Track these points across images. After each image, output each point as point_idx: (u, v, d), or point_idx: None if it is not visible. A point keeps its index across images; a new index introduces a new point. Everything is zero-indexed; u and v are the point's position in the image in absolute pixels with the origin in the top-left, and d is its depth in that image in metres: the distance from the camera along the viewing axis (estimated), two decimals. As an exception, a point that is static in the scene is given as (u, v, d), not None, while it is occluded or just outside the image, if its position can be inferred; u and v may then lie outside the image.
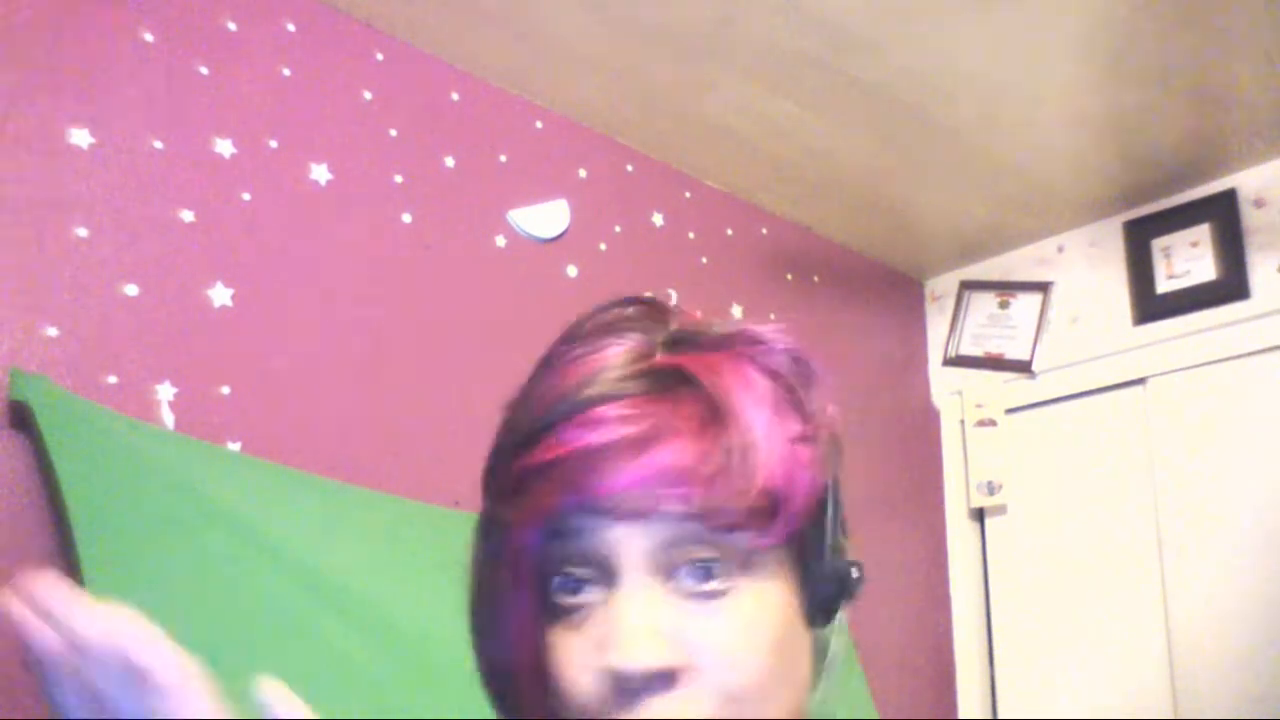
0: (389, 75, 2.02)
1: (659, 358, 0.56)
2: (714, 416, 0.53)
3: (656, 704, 0.51)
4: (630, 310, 0.60)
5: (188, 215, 1.71)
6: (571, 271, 2.21)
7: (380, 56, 2.02)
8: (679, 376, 0.55)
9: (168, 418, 1.60)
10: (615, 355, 0.56)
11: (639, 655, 0.51)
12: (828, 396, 0.59)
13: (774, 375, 0.57)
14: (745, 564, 0.54)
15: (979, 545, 2.81)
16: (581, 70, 2.14)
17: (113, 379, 1.56)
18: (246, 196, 1.78)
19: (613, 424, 0.52)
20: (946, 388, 2.91)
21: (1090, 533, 2.56)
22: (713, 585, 0.53)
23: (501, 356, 2.01)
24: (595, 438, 0.52)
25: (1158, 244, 2.55)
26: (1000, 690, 2.69)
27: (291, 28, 1.91)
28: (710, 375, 0.55)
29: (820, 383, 0.59)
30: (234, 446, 1.66)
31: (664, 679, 0.51)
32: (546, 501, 0.53)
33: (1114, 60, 2.07)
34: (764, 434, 0.54)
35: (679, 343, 0.57)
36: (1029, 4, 1.92)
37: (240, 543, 1.47)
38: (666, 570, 0.53)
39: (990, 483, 2.74)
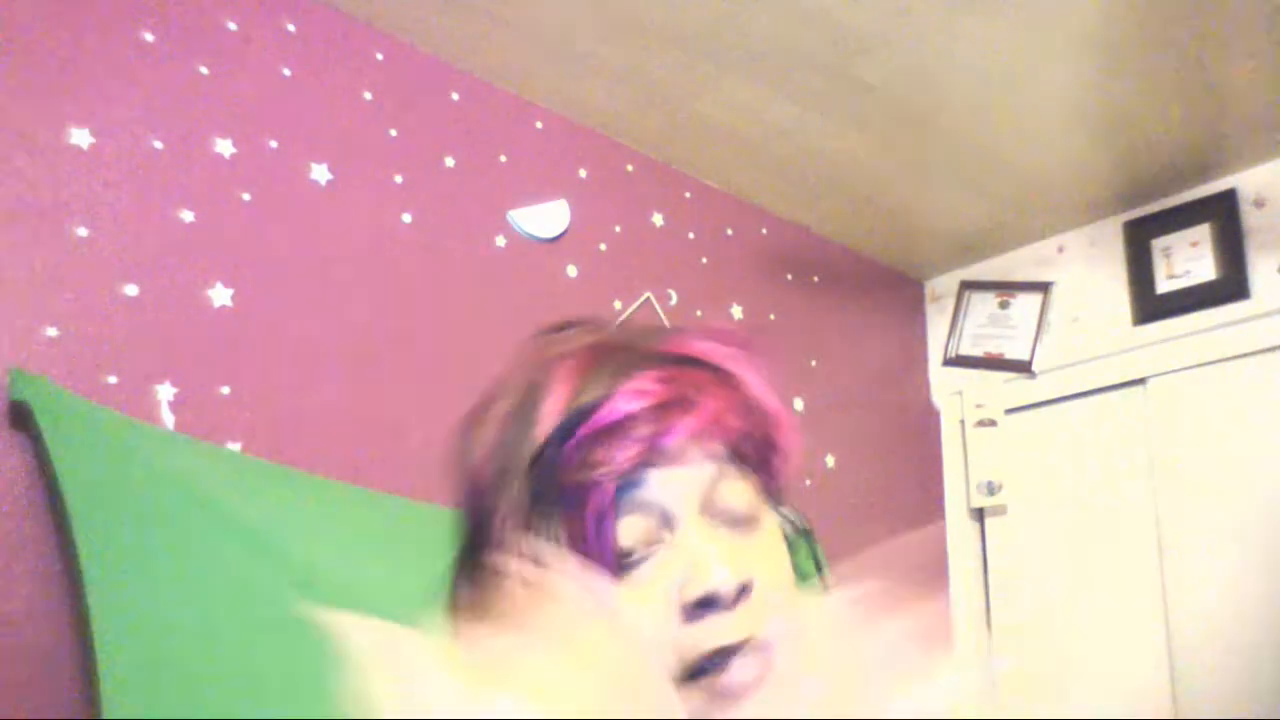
0: (389, 75, 2.03)
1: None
2: (722, 380, 0.62)
3: (735, 616, 0.58)
4: (572, 328, 0.67)
5: (188, 215, 1.71)
6: (571, 271, 2.21)
7: (380, 56, 2.02)
8: (675, 358, 0.62)
9: (168, 418, 1.60)
10: (593, 351, 0.63)
11: (726, 575, 0.57)
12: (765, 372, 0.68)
13: (725, 342, 0.66)
14: (761, 502, 0.63)
15: (979, 545, 2.81)
16: (581, 70, 2.14)
17: (113, 379, 1.56)
18: (246, 196, 1.79)
19: (655, 387, 0.59)
20: (946, 388, 2.91)
21: (1090, 533, 2.56)
22: (745, 517, 0.61)
23: (502, 356, 2.00)
24: (646, 400, 0.59)
25: (1158, 244, 2.55)
26: (1000, 690, 2.69)
27: (291, 28, 1.91)
28: (692, 350, 0.64)
29: (759, 359, 0.67)
30: (234, 446, 1.66)
31: (743, 593, 0.58)
32: (618, 456, 0.58)
33: (1114, 60, 2.07)
34: (762, 391, 0.64)
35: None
36: (1029, 4, 1.92)
37: (240, 542, 1.47)
38: (711, 510, 0.60)
39: (990, 483, 2.74)
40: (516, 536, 0.60)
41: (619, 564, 0.59)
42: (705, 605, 0.57)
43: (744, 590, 0.58)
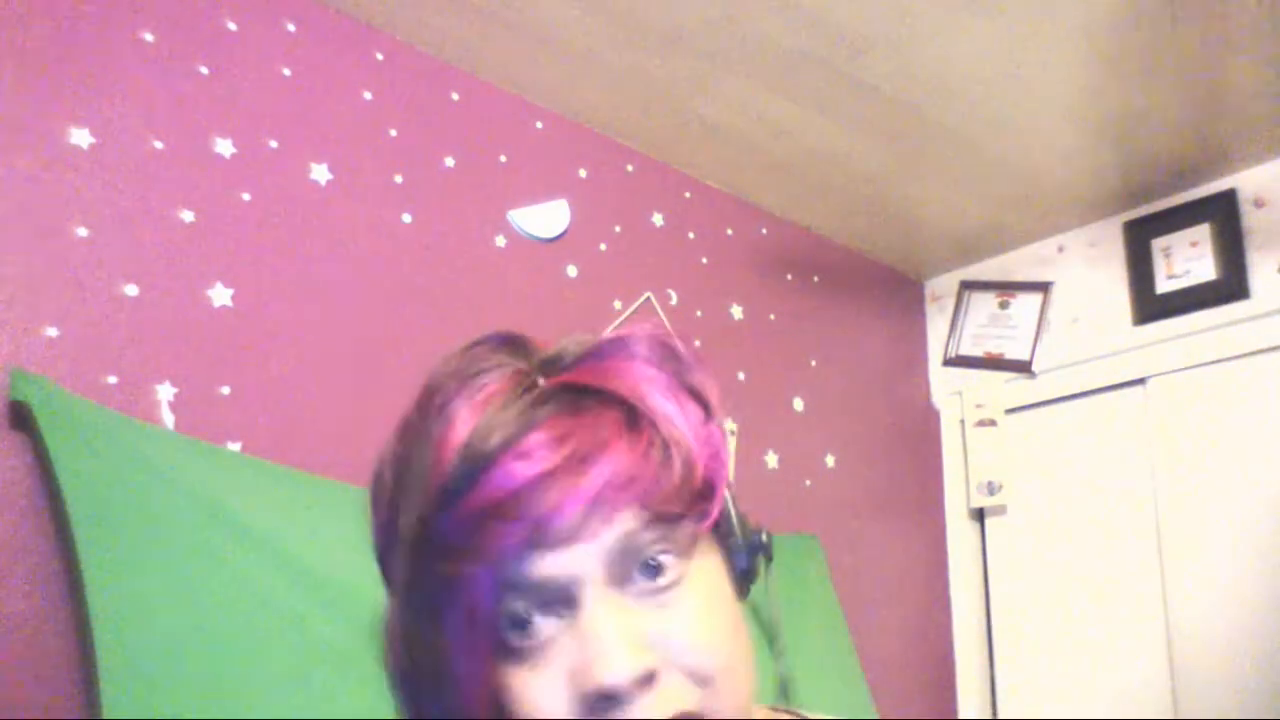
0: (389, 75, 2.03)
1: (545, 382, 0.56)
2: (633, 419, 0.55)
3: (639, 707, 0.52)
4: (488, 347, 0.59)
5: (188, 215, 1.71)
6: (571, 271, 2.21)
7: (380, 56, 2.02)
8: (581, 391, 0.55)
9: (168, 418, 1.60)
10: (497, 388, 0.55)
11: (624, 667, 0.51)
12: (707, 373, 0.60)
13: (659, 366, 0.58)
14: (689, 551, 0.56)
15: (979, 545, 2.81)
16: (581, 70, 2.14)
17: (113, 379, 1.56)
18: (246, 196, 1.79)
19: (545, 450, 0.52)
20: (946, 388, 2.91)
21: (1090, 533, 2.57)
22: (665, 579, 0.54)
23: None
24: (534, 467, 0.51)
25: (1158, 244, 2.55)
26: (1000, 690, 2.69)
27: (291, 28, 1.91)
28: (611, 381, 0.55)
29: (698, 362, 0.60)
30: (234, 446, 1.65)
31: (646, 681, 0.52)
32: (501, 542, 0.51)
33: (1114, 60, 2.07)
34: (683, 423, 0.56)
35: (553, 364, 0.58)
36: (1029, 4, 1.92)
37: (239, 542, 1.47)
38: (622, 578, 0.54)
39: (990, 483, 2.74)
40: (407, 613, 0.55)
41: (506, 651, 0.53)
42: (603, 699, 0.52)
43: (649, 678, 0.52)
